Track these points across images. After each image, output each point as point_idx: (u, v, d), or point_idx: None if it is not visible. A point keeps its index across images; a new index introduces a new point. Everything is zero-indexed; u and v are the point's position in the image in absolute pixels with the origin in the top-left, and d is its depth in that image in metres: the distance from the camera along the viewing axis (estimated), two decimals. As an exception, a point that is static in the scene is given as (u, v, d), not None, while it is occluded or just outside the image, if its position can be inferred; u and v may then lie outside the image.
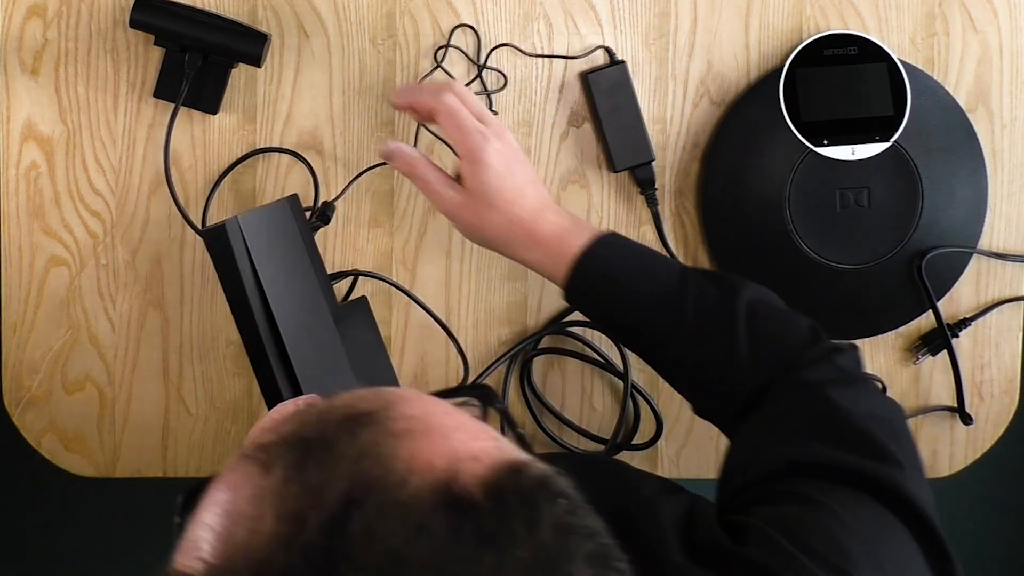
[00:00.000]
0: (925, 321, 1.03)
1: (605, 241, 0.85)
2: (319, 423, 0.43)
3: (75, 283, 1.00)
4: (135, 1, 0.94)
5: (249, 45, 0.95)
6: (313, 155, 1.00)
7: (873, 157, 0.98)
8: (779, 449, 0.72)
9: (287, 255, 0.79)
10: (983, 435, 1.04)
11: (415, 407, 0.44)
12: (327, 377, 0.78)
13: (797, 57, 0.99)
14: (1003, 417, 1.04)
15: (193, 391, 1.01)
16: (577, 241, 0.84)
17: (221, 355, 1.01)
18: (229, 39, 0.95)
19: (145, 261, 1.00)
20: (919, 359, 1.03)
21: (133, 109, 0.99)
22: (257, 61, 0.95)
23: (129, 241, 1.00)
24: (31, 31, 0.98)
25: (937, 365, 1.03)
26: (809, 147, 0.98)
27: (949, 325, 1.01)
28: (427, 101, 0.86)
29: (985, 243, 1.02)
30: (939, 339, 1.01)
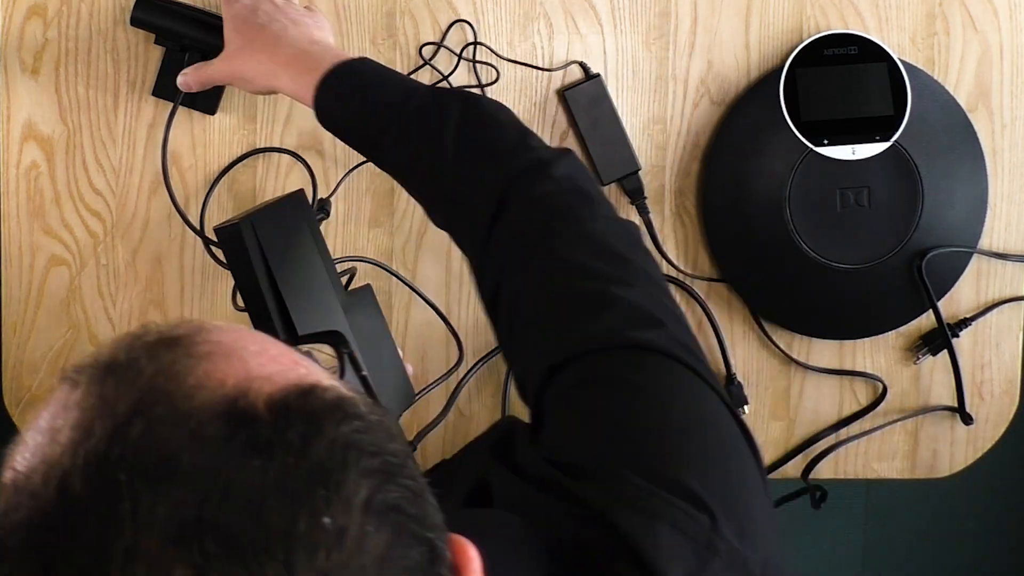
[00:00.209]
0: (925, 321, 1.03)
1: (347, 63, 0.84)
2: (129, 346, 0.44)
3: (75, 283, 1.00)
4: (136, 0, 0.94)
5: None
6: (313, 155, 1.00)
7: (873, 157, 0.98)
8: (534, 354, 0.69)
9: (297, 249, 0.81)
10: (983, 435, 1.04)
11: (225, 334, 0.45)
12: None
13: (797, 57, 0.99)
14: (1003, 417, 1.04)
15: (193, 391, 1.01)
16: (320, 63, 0.84)
17: (221, 355, 1.01)
18: None
19: (145, 261, 1.00)
20: (919, 359, 1.03)
21: (133, 109, 0.99)
22: None
23: (129, 241, 1.00)
24: (31, 31, 0.98)
25: (937, 365, 1.03)
26: (809, 147, 0.98)
27: (949, 325, 1.01)
28: None
29: (985, 243, 1.02)
30: (939, 339, 1.01)
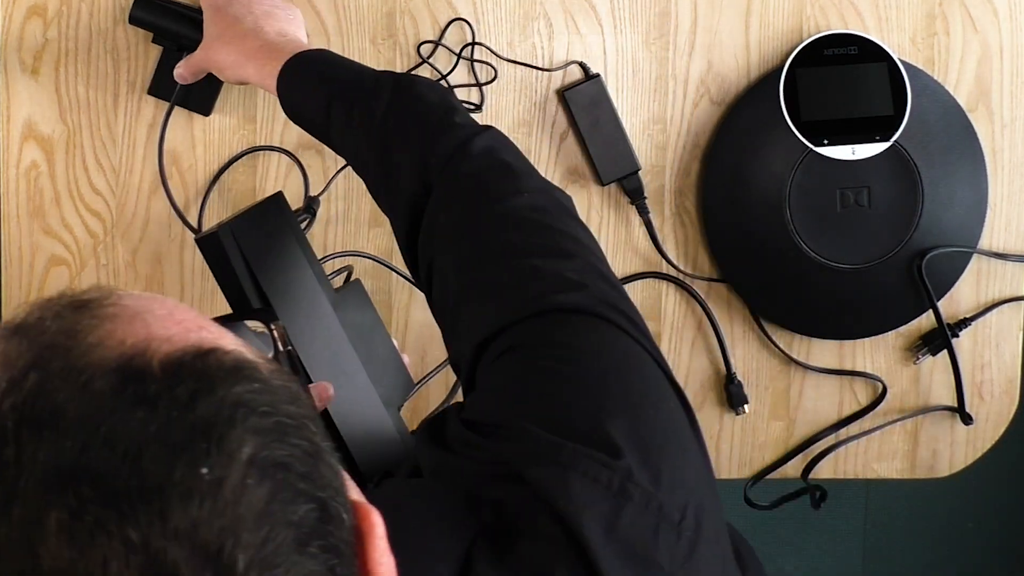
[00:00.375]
0: (925, 321, 1.03)
1: (305, 53, 0.85)
2: (40, 308, 0.45)
3: (75, 283, 1.00)
4: None
5: None
6: (313, 155, 1.00)
7: (873, 157, 0.98)
8: (464, 335, 0.69)
9: (280, 251, 0.81)
10: (983, 435, 1.04)
11: (134, 299, 0.46)
12: (333, 364, 0.80)
13: (797, 57, 0.99)
14: (1003, 417, 1.04)
15: (193, 391, 1.01)
16: (282, 52, 0.85)
17: (221, 355, 1.01)
18: None
19: (145, 261, 1.00)
20: (919, 359, 1.03)
21: (133, 109, 0.99)
22: None
23: (129, 241, 1.00)
24: (31, 31, 0.98)
25: (937, 365, 1.03)
26: (809, 147, 0.98)
27: (949, 325, 1.01)
28: None
29: (985, 243, 1.02)
30: (939, 339, 1.01)
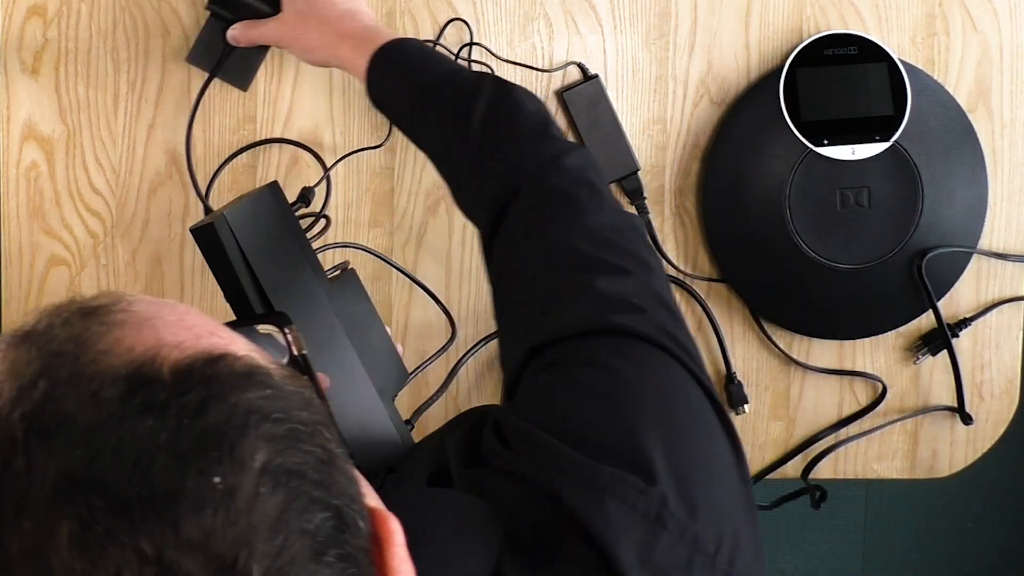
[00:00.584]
0: (925, 321, 1.03)
1: (403, 40, 0.86)
2: (49, 315, 0.44)
3: (75, 283, 1.00)
4: None
5: None
6: (309, 158, 0.99)
7: (873, 157, 0.98)
8: (520, 333, 0.70)
9: (275, 242, 0.81)
10: (983, 435, 1.04)
11: (143, 305, 0.45)
12: (328, 355, 0.79)
13: (797, 57, 0.99)
14: (1003, 417, 1.04)
15: (193, 391, 1.01)
16: (378, 39, 0.86)
17: (221, 355, 1.01)
18: None
19: (145, 261, 1.00)
20: (919, 359, 1.03)
21: (133, 109, 0.99)
22: None
23: (129, 241, 1.00)
24: (31, 31, 0.98)
25: (937, 365, 1.03)
26: (809, 147, 0.98)
27: (949, 325, 1.01)
28: None
29: (985, 243, 1.02)
30: (939, 339, 1.01)
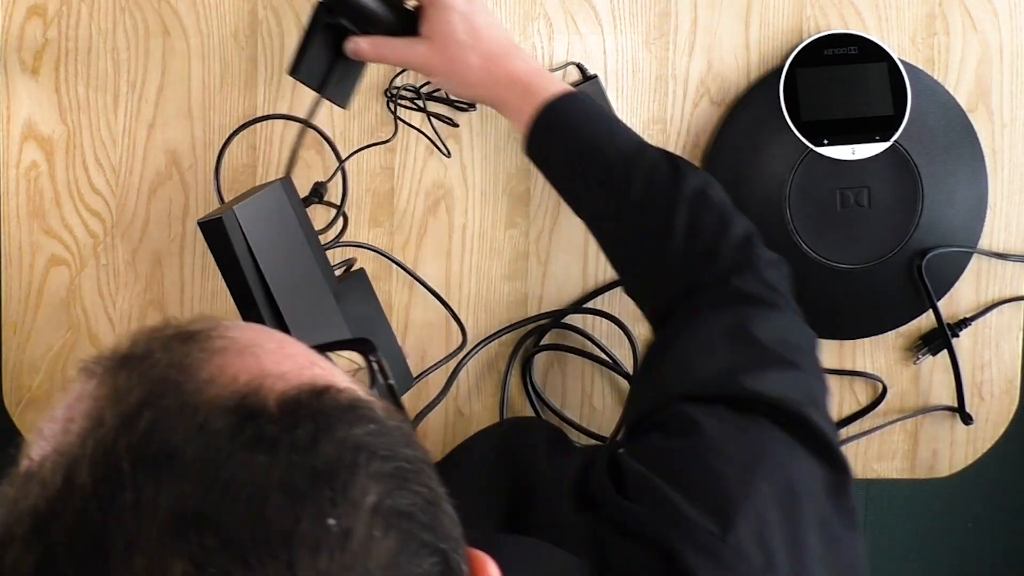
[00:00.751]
0: (925, 321, 1.03)
1: (575, 95, 0.84)
2: (147, 339, 0.43)
3: (75, 283, 1.00)
4: None
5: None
6: (313, 155, 1.00)
7: (873, 157, 0.98)
8: (676, 377, 0.71)
9: (284, 238, 0.80)
10: (983, 435, 1.04)
11: (242, 331, 0.44)
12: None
13: (797, 57, 0.99)
14: (1003, 417, 1.04)
15: (193, 391, 1.01)
16: (550, 86, 0.84)
17: (221, 355, 1.01)
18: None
19: (145, 261, 1.00)
20: (919, 359, 1.03)
21: (133, 109, 0.99)
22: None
23: (129, 241, 1.00)
24: (31, 31, 0.98)
25: (937, 365, 1.03)
26: (809, 147, 0.98)
27: (949, 325, 1.01)
28: None
29: (985, 243, 1.02)
30: (939, 339, 1.01)
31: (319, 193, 0.97)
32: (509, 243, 1.01)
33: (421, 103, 0.99)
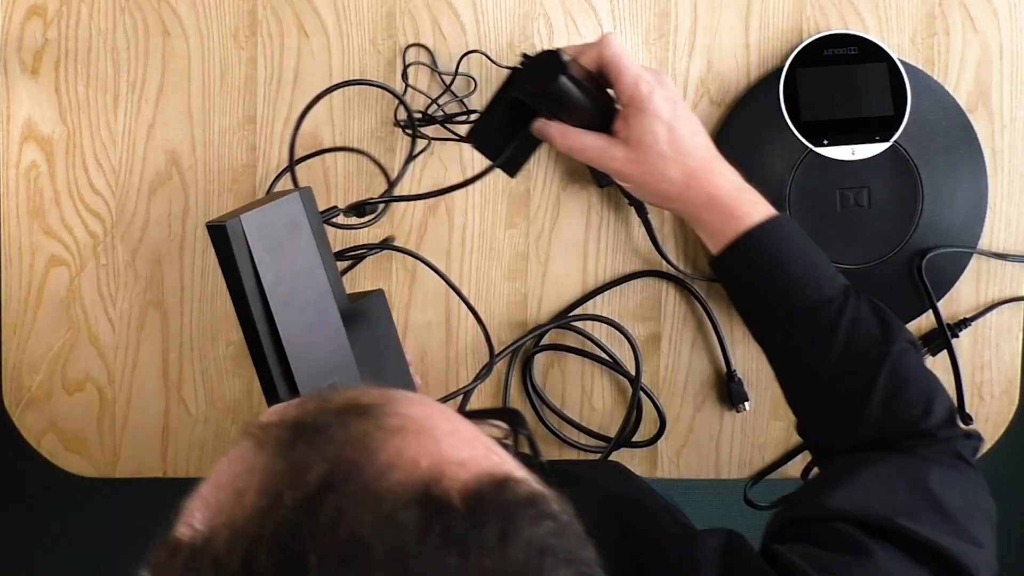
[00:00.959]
0: (925, 321, 1.03)
1: (780, 223, 0.80)
2: (318, 410, 0.43)
3: (75, 283, 1.00)
4: (560, 63, 0.81)
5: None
6: (316, 159, 0.99)
7: (873, 157, 0.98)
8: (856, 497, 0.69)
9: (294, 251, 0.78)
10: (983, 435, 1.04)
11: (415, 408, 0.44)
12: (329, 377, 0.77)
13: (797, 57, 0.99)
14: (1003, 417, 1.04)
15: (193, 391, 1.01)
16: (753, 210, 0.80)
17: (221, 355, 1.01)
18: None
19: (145, 261, 1.00)
20: (919, 359, 1.03)
21: (133, 109, 0.99)
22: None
23: (129, 241, 1.00)
24: (31, 31, 0.98)
25: (937, 365, 1.03)
26: (809, 147, 0.98)
27: (949, 325, 1.01)
28: (592, 49, 0.83)
29: (985, 243, 1.02)
30: (939, 339, 1.01)
31: (363, 209, 0.93)
32: (509, 243, 1.01)
33: (433, 123, 0.98)
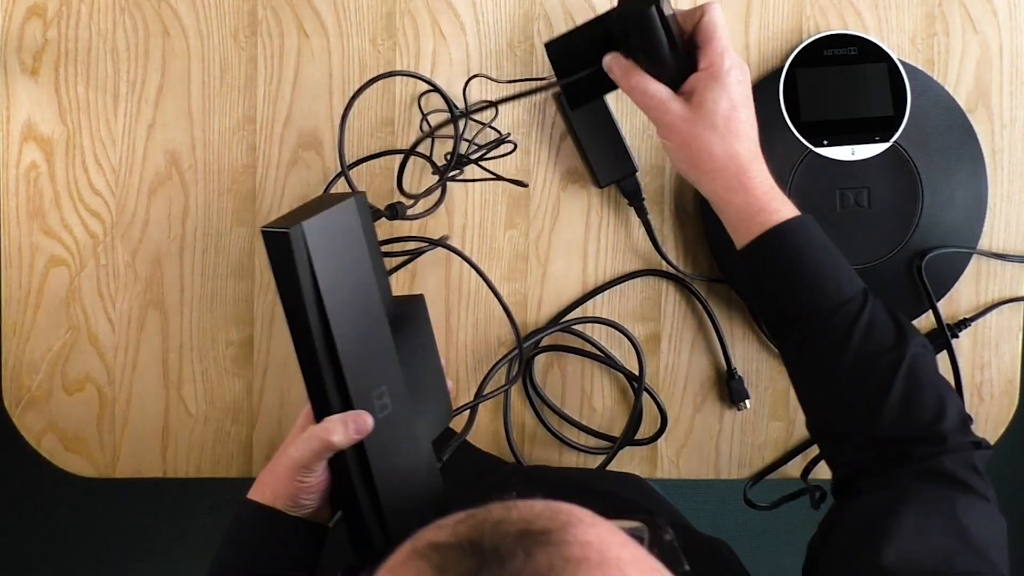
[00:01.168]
0: (925, 321, 1.03)
1: (808, 222, 0.81)
2: (495, 533, 0.44)
3: (75, 283, 1.00)
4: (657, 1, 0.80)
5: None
6: (313, 155, 1.00)
7: (873, 157, 0.98)
8: (910, 555, 0.69)
9: (349, 259, 0.75)
10: (983, 435, 1.04)
11: (591, 533, 0.45)
12: (378, 387, 0.76)
13: (797, 57, 0.99)
14: (1003, 417, 1.04)
15: (193, 391, 1.01)
16: (782, 207, 0.81)
17: (221, 355, 1.01)
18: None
19: (145, 261, 1.00)
20: (919, 359, 1.03)
21: (133, 109, 0.99)
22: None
23: (129, 241, 1.00)
24: (31, 31, 0.98)
25: (937, 365, 1.03)
26: (809, 147, 0.98)
27: (949, 325, 1.01)
28: (695, 12, 0.82)
29: (985, 243, 1.02)
30: (939, 339, 1.01)
31: (395, 209, 0.92)
32: (509, 243, 1.01)
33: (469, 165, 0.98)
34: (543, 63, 1.00)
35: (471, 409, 0.93)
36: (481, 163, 0.97)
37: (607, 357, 1.01)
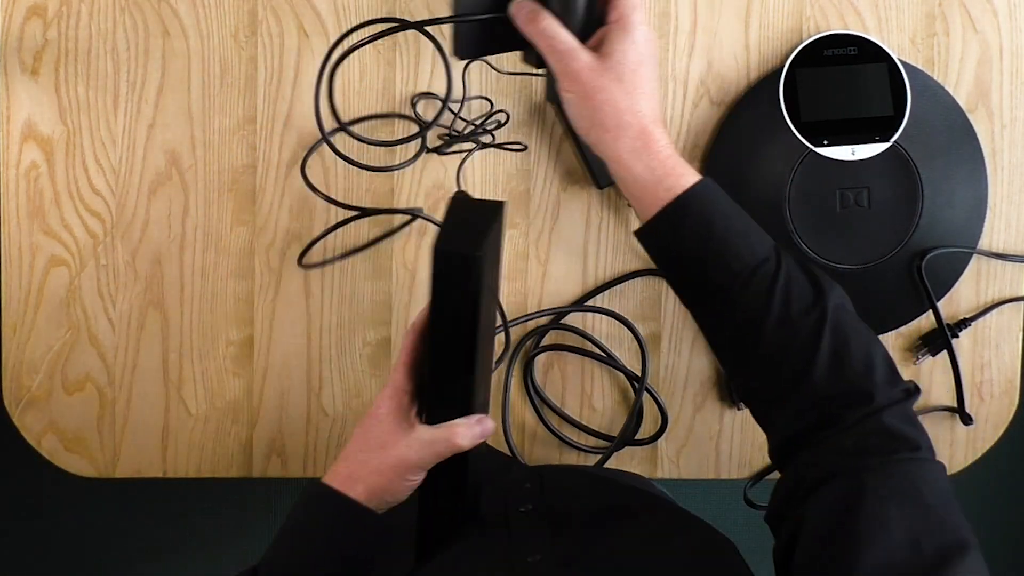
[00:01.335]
0: (925, 321, 1.03)
1: (712, 185, 0.78)
2: None
3: (75, 283, 1.00)
4: None
5: None
6: (312, 155, 1.00)
7: (873, 157, 0.98)
8: (883, 560, 0.67)
9: (494, 273, 0.72)
10: (983, 435, 1.04)
11: None
12: (485, 395, 0.75)
13: (797, 57, 0.99)
14: (1003, 417, 1.04)
15: (193, 391, 1.01)
16: (685, 171, 0.78)
17: (221, 355, 1.01)
18: None
19: (145, 261, 1.00)
20: (919, 359, 1.03)
21: (133, 109, 0.99)
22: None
23: (129, 241, 1.00)
24: (31, 31, 0.98)
25: (937, 365, 1.03)
26: (809, 147, 0.98)
27: (949, 325, 1.01)
28: None
29: (985, 243, 1.02)
30: (939, 339, 1.01)
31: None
32: (509, 243, 1.01)
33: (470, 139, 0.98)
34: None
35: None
36: (479, 138, 0.97)
37: (608, 356, 1.01)
